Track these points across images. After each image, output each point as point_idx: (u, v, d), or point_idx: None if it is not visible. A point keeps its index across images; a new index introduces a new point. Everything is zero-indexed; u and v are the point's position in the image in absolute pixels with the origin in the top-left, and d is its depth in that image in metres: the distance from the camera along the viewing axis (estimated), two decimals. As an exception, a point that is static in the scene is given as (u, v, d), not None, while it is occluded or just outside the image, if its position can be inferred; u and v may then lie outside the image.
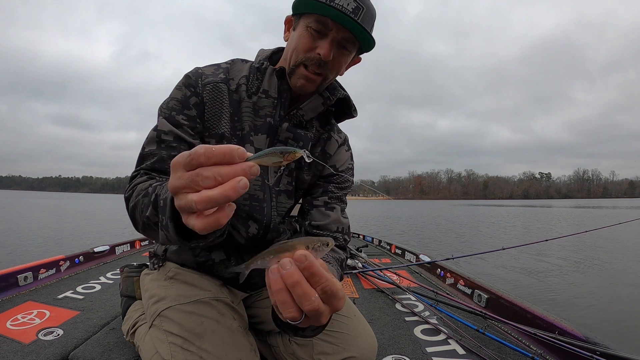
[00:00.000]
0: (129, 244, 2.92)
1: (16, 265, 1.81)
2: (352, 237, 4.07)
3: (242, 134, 0.85)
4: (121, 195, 0.73)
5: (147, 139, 0.79)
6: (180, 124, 0.80)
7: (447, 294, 1.76)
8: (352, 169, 1.02)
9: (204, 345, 0.74)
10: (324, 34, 0.77)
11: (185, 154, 0.38)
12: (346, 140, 1.03)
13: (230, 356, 0.75)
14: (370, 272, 2.14)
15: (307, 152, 0.43)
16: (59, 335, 1.24)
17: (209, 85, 0.83)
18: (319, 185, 0.96)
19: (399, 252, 3.01)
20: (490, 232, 10.60)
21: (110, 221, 12.34)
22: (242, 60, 0.91)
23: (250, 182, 0.93)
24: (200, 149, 0.37)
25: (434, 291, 1.77)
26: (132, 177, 0.75)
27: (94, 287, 1.86)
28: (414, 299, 1.77)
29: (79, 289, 1.82)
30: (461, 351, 1.24)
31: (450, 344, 1.29)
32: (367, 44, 0.82)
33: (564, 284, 4.10)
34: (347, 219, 0.97)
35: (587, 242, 7.33)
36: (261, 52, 0.93)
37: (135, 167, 0.77)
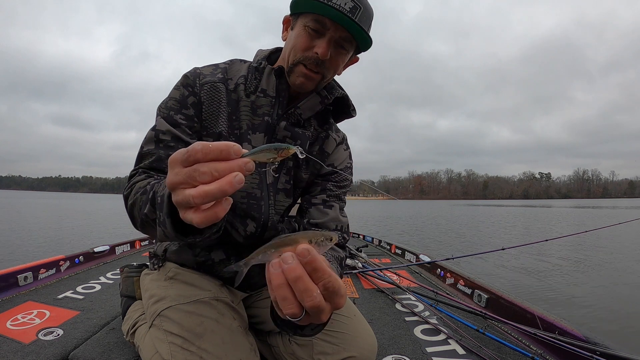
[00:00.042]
0: (129, 244, 2.92)
1: (16, 265, 1.81)
2: (352, 237, 4.07)
3: (240, 132, 0.85)
4: (121, 195, 0.73)
5: (146, 138, 0.80)
6: (178, 124, 0.80)
7: (447, 294, 1.76)
8: (350, 167, 1.02)
9: (204, 345, 0.74)
10: (321, 33, 0.78)
11: (182, 151, 0.39)
12: (344, 139, 1.03)
13: (230, 356, 0.75)
14: (370, 272, 2.14)
15: (300, 148, 0.43)
16: (59, 335, 1.24)
17: (206, 85, 0.84)
18: (317, 183, 0.96)
19: (399, 252, 3.01)
20: (490, 232, 10.60)
21: (110, 221, 12.34)
22: (241, 60, 0.92)
23: (247, 180, 0.93)
24: (197, 145, 0.38)
25: (434, 291, 1.77)
26: (131, 175, 0.75)
27: (94, 287, 1.86)
28: (414, 299, 1.77)
29: (79, 289, 1.82)
30: (461, 351, 1.24)
31: (450, 344, 1.29)
32: (365, 43, 0.82)
33: (564, 283, 4.10)
34: (346, 217, 0.97)
35: (587, 242, 7.33)
36: (259, 52, 0.93)
37: (134, 166, 0.78)
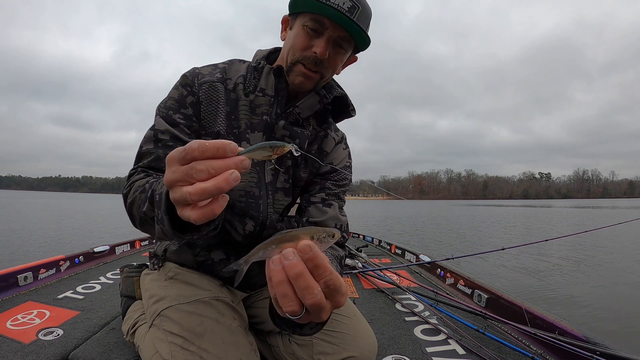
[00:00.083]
0: (129, 244, 2.92)
1: (16, 265, 1.81)
2: (352, 237, 4.07)
3: (239, 131, 0.85)
4: (121, 195, 0.74)
5: (145, 137, 0.81)
6: (176, 123, 0.81)
7: (447, 294, 1.76)
8: (349, 166, 1.02)
9: (204, 345, 0.74)
10: (320, 32, 0.78)
11: (180, 149, 0.40)
12: (343, 138, 1.03)
13: (230, 356, 0.75)
14: (370, 272, 2.14)
15: (295, 146, 0.43)
16: (59, 335, 1.24)
17: (205, 84, 0.84)
18: (316, 182, 0.96)
19: (399, 252, 3.01)
20: (490, 232, 10.60)
21: (110, 221, 12.34)
22: (240, 60, 0.92)
23: (246, 178, 0.93)
24: (194, 144, 0.39)
25: (434, 291, 1.77)
26: (130, 174, 0.76)
27: (94, 287, 1.86)
28: (414, 299, 1.77)
29: (79, 289, 1.82)
30: (461, 351, 1.24)
31: (450, 344, 1.29)
32: (363, 42, 0.83)
33: (564, 283, 4.10)
34: (345, 216, 0.97)
35: (587, 242, 7.33)
36: (258, 52, 0.94)
37: (133, 165, 0.79)
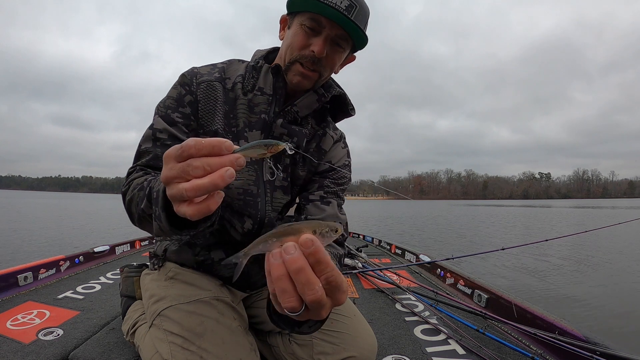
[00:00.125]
0: (129, 244, 2.92)
1: (16, 265, 1.81)
2: (352, 237, 4.07)
3: (237, 130, 0.86)
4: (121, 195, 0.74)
5: (144, 136, 0.81)
6: (175, 122, 0.82)
7: (447, 294, 1.76)
8: (348, 165, 1.01)
9: (204, 344, 0.74)
10: (317, 31, 0.78)
11: (176, 147, 0.40)
12: (342, 137, 1.03)
13: (230, 356, 0.75)
14: (370, 272, 2.14)
15: (289, 144, 0.44)
16: (59, 335, 1.24)
17: (203, 83, 0.85)
18: (314, 180, 0.96)
19: (399, 252, 3.01)
20: (490, 232, 10.60)
21: (110, 221, 12.34)
22: (239, 60, 0.93)
23: (244, 176, 0.93)
24: (190, 141, 0.39)
25: (434, 291, 1.77)
26: (129, 173, 0.76)
27: (94, 287, 1.86)
28: (414, 299, 1.77)
29: (79, 289, 1.82)
30: (461, 351, 1.24)
31: (450, 344, 1.29)
32: (361, 41, 0.83)
33: (564, 283, 4.10)
34: (344, 215, 0.97)
35: (587, 242, 7.33)
36: (257, 52, 0.94)
37: (132, 164, 0.80)
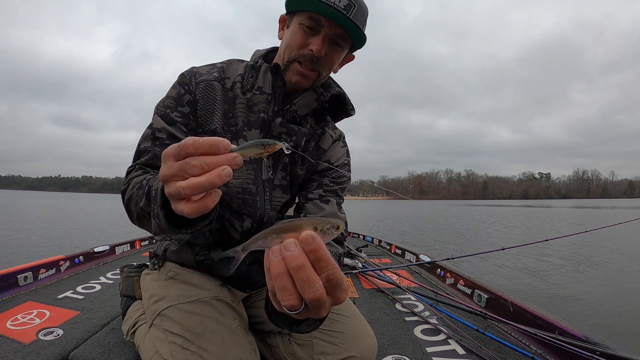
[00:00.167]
0: (129, 244, 2.92)
1: (16, 265, 1.81)
2: (352, 237, 4.07)
3: (236, 129, 0.86)
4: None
5: (143, 136, 0.81)
6: (174, 121, 0.82)
7: (447, 294, 1.76)
8: (348, 164, 1.01)
9: (204, 344, 0.74)
10: (316, 30, 0.79)
11: (175, 146, 0.40)
12: (342, 136, 1.03)
13: (230, 356, 0.75)
14: (370, 272, 2.14)
15: (286, 144, 0.44)
16: (59, 335, 1.24)
17: (202, 83, 0.85)
18: (313, 179, 0.96)
19: (399, 252, 3.01)
20: (490, 232, 10.60)
21: (110, 221, 12.34)
22: (239, 60, 0.93)
23: (242, 175, 0.94)
24: (189, 140, 0.39)
25: (434, 291, 1.77)
26: (128, 172, 0.77)
27: (94, 287, 1.86)
28: (414, 299, 1.77)
29: (79, 289, 1.82)
30: (461, 351, 1.24)
31: (450, 344, 1.29)
32: (359, 40, 0.83)
33: (564, 283, 4.10)
34: (344, 214, 0.97)
35: (587, 242, 7.33)
36: (256, 52, 0.95)
37: (132, 162, 0.80)
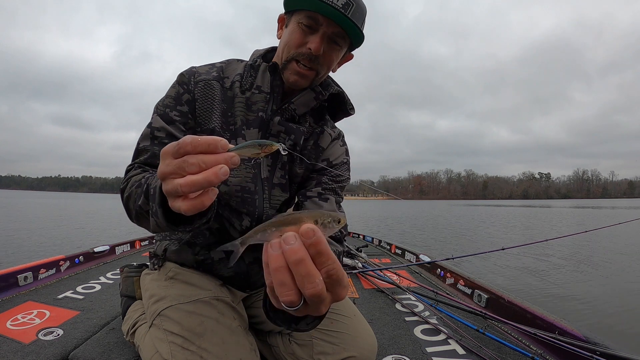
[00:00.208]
0: (129, 244, 2.92)
1: (16, 265, 1.81)
2: (352, 237, 4.07)
3: (235, 128, 0.86)
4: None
5: (142, 135, 0.82)
6: (173, 121, 0.82)
7: (447, 294, 1.76)
8: (347, 163, 1.01)
9: (204, 344, 0.74)
10: (314, 29, 0.79)
11: (173, 144, 0.41)
12: (341, 135, 1.03)
13: (230, 356, 0.75)
14: (370, 272, 2.14)
15: (283, 145, 0.44)
16: (59, 335, 1.24)
17: (200, 82, 0.86)
18: (312, 178, 0.96)
19: (399, 252, 3.01)
20: (490, 232, 10.60)
21: (110, 221, 12.34)
22: (238, 60, 0.94)
23: (241, 173, 0.94)
24: (187, 138, 0.40)
25: (434, 291, 1.77)
26: (127, 170, 0.77)
27: (94, 287, 1.86)
28: (414, 299, 1.77)
29: (79, 289, 1.82)
30: (461, 351, 1.24)
31: (450, 344, 1.29)
32: (358, 39, 0.84)
33: (563, 283, 4.10)
34: (343, 212, 0.97)
35: (587, 242, 7.33)
36: (256, 51, 0.95)
37: (131, 161, 0.80)
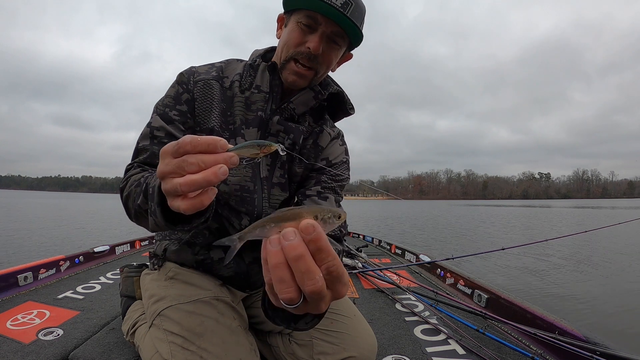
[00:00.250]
0: (129, 244, 2.92)
1: (16, 265, 1.81)
2: (352, 237, 4.07)
3: (234, 127, 0.86)
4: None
5: (142, 134, 0.82)
6: (172, 120, 0.82)
7: (447, 294, 1.76)
8: (346, 163, 1.01)
9: (204, 344, 0.74)
10: (313, 28, 0.79)
11: (173, 143, 0.41)
12: (340, 134, 1.03)
13: (230, 356, 0.75)
14: (370, 272, 2.14)
15: (281, 146, 0.44)
16: (59, 335, 1.24)
17: (200, 82, 0.86)
18: (312, 177, 0.96)
19: (399, 252, 3.01)
20: (490, 232, 10.60)
21: (110, 221, 12.33)
22: (238, 60, 0.94)
23: (241, 173, 0.94)
24: (187, 138, 0.40)
25: (434, 291, 1.77)
26: (127, 169, 0.77)
27: (94, 287, 1.86)
28: (414, 299, 1.77)
29: (79, 289, 1.82)
30: (461, 351, 1.24)
31: (450, 344, 1.29)
32: (356, 38, 0.84)
33: (564, 283, 4.10)
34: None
35: (587, 242, 7.33)
36: (255, 51, 0.96)
37: (130, 160, 0.80)
